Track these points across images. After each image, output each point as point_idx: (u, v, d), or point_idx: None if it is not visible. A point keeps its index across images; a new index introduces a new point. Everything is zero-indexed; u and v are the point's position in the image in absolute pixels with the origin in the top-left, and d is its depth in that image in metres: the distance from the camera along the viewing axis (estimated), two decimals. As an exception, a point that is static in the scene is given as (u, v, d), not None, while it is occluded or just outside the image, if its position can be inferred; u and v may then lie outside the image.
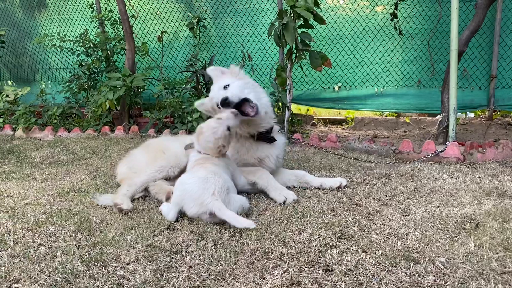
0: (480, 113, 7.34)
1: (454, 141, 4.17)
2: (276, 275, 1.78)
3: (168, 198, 2.65)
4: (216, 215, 2.31)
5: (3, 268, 1.85)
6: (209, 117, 3.00)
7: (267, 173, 2.98)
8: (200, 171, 2.52)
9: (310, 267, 1.84)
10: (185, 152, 2.88)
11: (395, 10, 6.14)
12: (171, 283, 1.74)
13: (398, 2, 6.09)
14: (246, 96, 2.86)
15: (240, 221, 2.25)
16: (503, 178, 3.12)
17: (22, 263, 1.90)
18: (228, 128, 2.70)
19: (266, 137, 3.06)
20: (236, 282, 1.74)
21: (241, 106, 2.83)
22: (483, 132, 5.67)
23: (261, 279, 1.77)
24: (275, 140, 3.11)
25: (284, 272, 1.80)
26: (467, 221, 2.32)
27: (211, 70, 3.13)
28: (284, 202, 2.72)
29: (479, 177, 3.19)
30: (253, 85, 3.03)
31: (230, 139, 2.77)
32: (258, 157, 3.05)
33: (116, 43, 6.83)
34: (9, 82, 8.91)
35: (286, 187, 2.98)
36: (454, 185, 3.03)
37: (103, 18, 7.11)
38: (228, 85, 2.93)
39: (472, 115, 7.46)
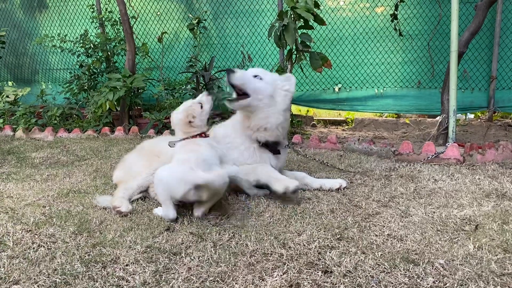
0: (480, 115, 7.35)
1: (454, 142, 4.16)
2: (275, 277, 1.78)
3: None
4: (201, 186, 2.33)
5: (2, 269, 1.85)
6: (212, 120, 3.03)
7: (266, 166, 2.95)
8: (174, 158, 2.59)
9: (309, 269, 1.84)
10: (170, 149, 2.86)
11: (395, 11, 6.14)
12: (170, 284, 1.74)
13: (398, 3, 6.09)
14: (249, 93, 2.89)
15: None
16: (502, 180, 3.12)
17: (21, 264, 1.90)
18: (201, 105, 2.80)
19: (271, 146, 3.04)
20: (235, 283, 1.74)
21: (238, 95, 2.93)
22: (483, 134, 5.67)
23: (260, 280, 1.77)
24: (279, 153, 3.09)
25: (283, 274, 1.80)
26: (466, 222, 2.32)
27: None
28: (284, 193, 2.68)
29: (478, 178, 3.19)
30: (272, 100, 2.96)
31: (203, 115, 2.80)
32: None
33: (117, 44, 6.83)
34: (10, 83, 8.91)
35: None
36: (453, 186, 3.03)
37: (103, 18, 7.12)
38: (260, 77, 2.94)
39: (472, 116, 7.46)
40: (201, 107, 2.81)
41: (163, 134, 5.37)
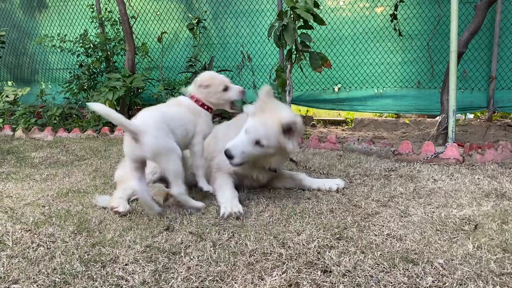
0: (479, 115, 7.35)
1: (454, 142, 4.17)
2: (275, 276, 1.78)
3: (165, 200, 2.64)
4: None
5: (1, 268, 1.85)
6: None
7: (229, 186, 2.84)
8: None
9: (309, 268, 1.84)
10: None
11: (395, 11, 6.15)
12: (170, 284, 1.74)
13: (398, 3, 6.10)
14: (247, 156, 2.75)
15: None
16: (502, 180, 3.12)
17: (20, 264, 1.90)
18: (225, 88, 2.86)
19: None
20: (235, 283, 1.74)
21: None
22: (482, 134, 5.67)
23: (260, 280, 1.77)
24: (275, 172, 3.03)
25: (282, 273, 1.80)
26: (466, 222, 2.33)
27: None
28: (223, 215, 2.51)
29: (478, 178, 3.20)
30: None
31: (216, 96, 2.85)
32: (251, 173, 2.99)
33: (116, 44, 6.83)
34: (9, 83, 8.91)
35: (285, 189, 3.09)
36: (453, 186, 3.03)
37: (103, 18, 7.12)
38: (262, 144, 2.69)
39: (471, 116, 7.47)
40: (225, 89, 2.84)
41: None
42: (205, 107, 2.83)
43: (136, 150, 2.39)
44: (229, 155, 2.69)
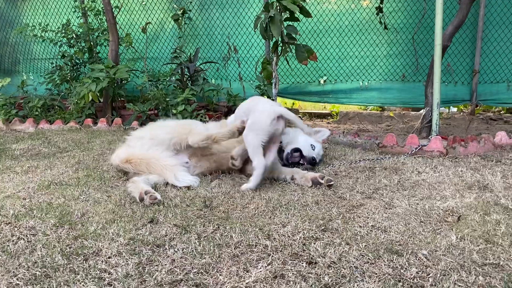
0: (463, 108, 7.45)
1: (437, 135, 4.21)
2: (260, 268, 1.77)
3: (142, 199, 2.57)
4: None
5: (-20, 262, 1.81)
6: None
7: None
8: None
9: (294, 260, 1.84)
10: None
11: (380, 5, 6.17)
12: (154, 276, 1.72)
13: (383, -4, 6.12)
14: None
15: None
16: (484, 172, 3.17)
17: (0, 257, 1.85)
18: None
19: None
20: (220, 275, 1.73)
21: None
22: (465, 127, 5.75)
23: (245, 272, 1.76)
24: None
25: (268, 265, 1.80)
26: (449, 214, 2.35)
27: None
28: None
29: (461, 170, 3.23)
30: None
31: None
32: None
33: (100, 34, 6.71)
34: (-11, 73, 8.71)
35: (270, 182, 3.11)
36: (437, 178, 3.06)
37: (86, 8, 6.97)
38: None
39: (455, 109, 7.58)
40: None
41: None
42: None
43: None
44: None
